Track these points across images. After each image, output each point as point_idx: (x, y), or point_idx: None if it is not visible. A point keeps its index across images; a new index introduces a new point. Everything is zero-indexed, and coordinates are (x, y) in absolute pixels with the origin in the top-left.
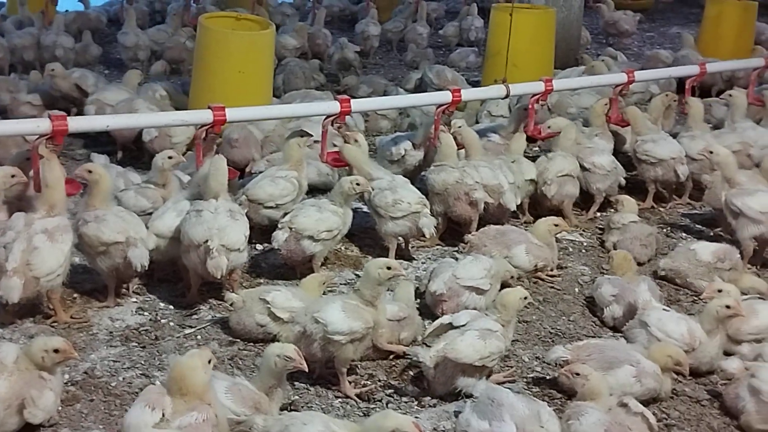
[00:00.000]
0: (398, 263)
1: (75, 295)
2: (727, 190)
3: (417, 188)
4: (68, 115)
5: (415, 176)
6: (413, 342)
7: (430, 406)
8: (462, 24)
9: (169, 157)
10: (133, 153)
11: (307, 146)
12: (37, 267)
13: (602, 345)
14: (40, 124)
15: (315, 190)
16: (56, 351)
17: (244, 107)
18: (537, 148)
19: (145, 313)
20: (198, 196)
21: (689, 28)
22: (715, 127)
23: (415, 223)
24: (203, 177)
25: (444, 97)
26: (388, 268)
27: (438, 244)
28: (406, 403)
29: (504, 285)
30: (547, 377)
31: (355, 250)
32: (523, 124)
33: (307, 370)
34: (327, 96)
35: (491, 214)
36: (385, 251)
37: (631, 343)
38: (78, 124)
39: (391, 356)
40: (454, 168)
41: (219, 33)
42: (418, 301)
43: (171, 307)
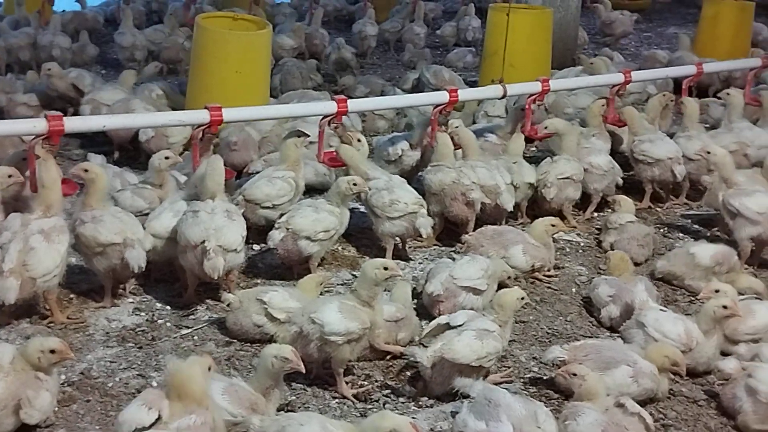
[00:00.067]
0: (395, 263)
1: (71, 296)
2: (725, 191)
3: (414, 188)
4: (65, 115)
5: (412, 176)
6: (410, 342)
7: (427, 407)
8: (459, 24)
9: (166, 158)
10: (129, 153)
11: (304, 146)
12: (33, 267)
13: (599, 345)
14: (36, 124)
15: (312, 191)
16: (52, 351)
17: (241, 107)
18: (534, 149)
19: (142, 314)
20: (195, 197)
21: (686, 29)
22: (712, 127)
23: (412, 223)
24: (200, 177)
25: (441, 97)
26: (385, 268)
27: (435, 245)
28: (403, 403)
29: (501, 285)
30: (544, 377)
31: (352, 250)
32: (520, 125)
33: (304, 370)
34: (324, 96)
35: (488, 215)
36: (382, 251)
37: (628, 344)
38: (74, 124)
39: (388, 357)
40: (451, 168)
41: (216, 33)
42: (415, 301)
43: (168, 307)
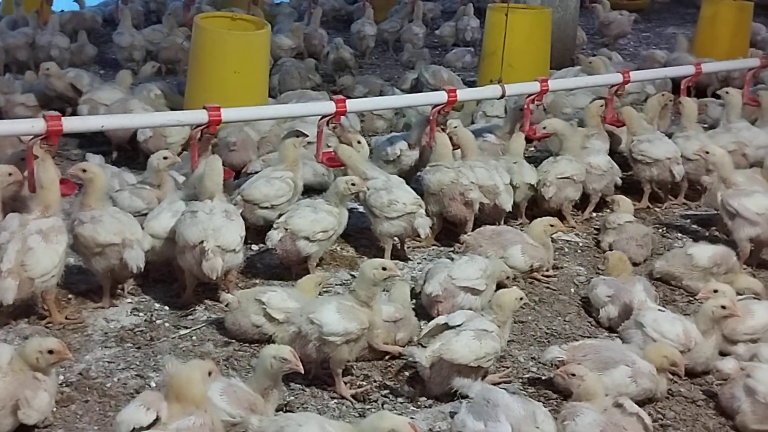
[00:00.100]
0: (394, 264)
1: (70, 296)
2: (724, 191)
3: (412, 188)
4: (63, 115)
5: (411, 176)
6: (409, 342)
7: (425, 407)
8: (458, 24)
9: (164, 158)
10: (128, 153)
11: (302, 146)
12: (31, 268)
13: (598, 345)
14: (34, 124)
15: (310, 191)
16: (51, 352)
17: (239, 107)
18: (533, 149)
19: (140, 314)
20: (193, 197)
21: (685, 29)
22: (710, 127)
23: (410, 223)
24: (198, 177)
25: (440, 97)
26: (384, 268)
27: (433, 245)
28: (401, 403)
29: (500, 285)
30: (543, 378)
31: (351, 250)
32: (518, 125)
33: (302, 371)
34: (323, 96)
35: (487, 215)
36: (381, 252)
37: (627, 344)
38: (73, 124)
39: (387, 357)
40: (449, 168)
41: (215, 33)
42: (414, 301)
43: (166, 307)
